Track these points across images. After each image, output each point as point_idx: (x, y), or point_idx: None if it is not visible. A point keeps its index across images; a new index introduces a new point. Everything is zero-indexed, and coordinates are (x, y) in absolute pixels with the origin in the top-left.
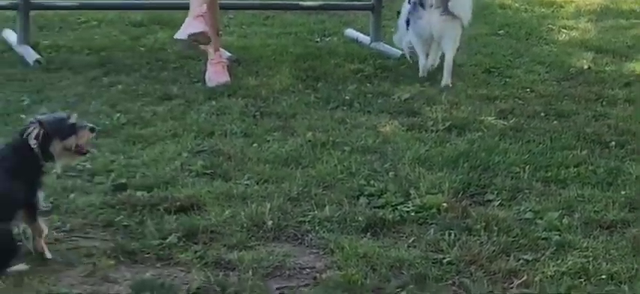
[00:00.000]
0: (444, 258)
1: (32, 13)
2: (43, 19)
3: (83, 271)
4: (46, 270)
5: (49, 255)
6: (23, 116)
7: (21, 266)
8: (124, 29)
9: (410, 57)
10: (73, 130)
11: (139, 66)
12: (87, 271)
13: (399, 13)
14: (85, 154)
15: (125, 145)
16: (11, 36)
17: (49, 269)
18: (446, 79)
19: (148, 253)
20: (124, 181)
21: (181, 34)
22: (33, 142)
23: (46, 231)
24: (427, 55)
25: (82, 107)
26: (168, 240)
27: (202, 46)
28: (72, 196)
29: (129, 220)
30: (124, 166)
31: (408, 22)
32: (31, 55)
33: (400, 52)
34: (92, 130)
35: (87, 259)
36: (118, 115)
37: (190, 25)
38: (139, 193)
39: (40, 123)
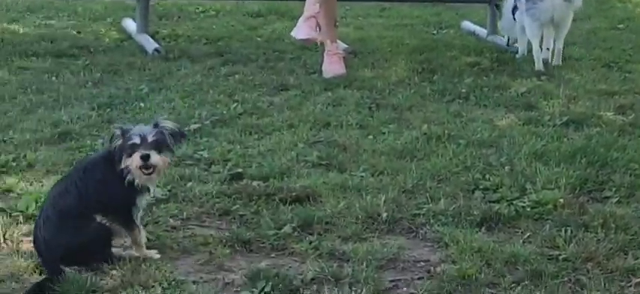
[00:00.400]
0: (559, 254)
1: (152, 2)
2: (161, 9)
3: (199, 259)
4: (162, 257)
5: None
6: (142, 104)
7: (153, 253)
8: (241, 19)
9: (512, 45)
10: (131, 150)
11: (256, 56)
12: (203, 259)
13: (497, 5)
14: (150, 174)
15: (242, 134)
16: (131, 25)
17: (166, 257)
18: (557, 61)
19: (263, 243)
20: (240, 170)
21: (295, 33)
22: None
23: (141, 240)
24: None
25: (199, 96)
26: (283, 230)
27: (319, 38)
28: (189, 184)
29: (245, 210)
30: (241, 155)
31: (514, 11)
32: (150, 44)
33: (518, 46)
34: (143, 158)
35: (203, 248)
36: (235, 104)
37: (301, 29)
38: (255, 183)
39: (122, 133)
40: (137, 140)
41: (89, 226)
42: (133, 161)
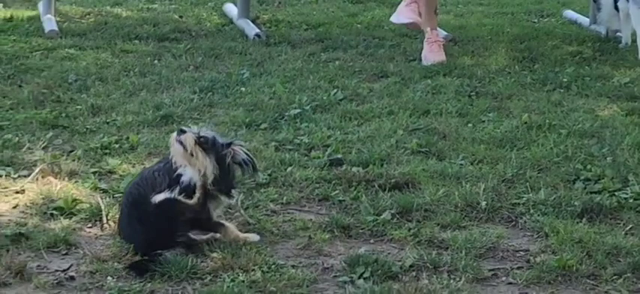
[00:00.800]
0: None
1: None
2: None
3: (299, 244)
4: (262, 241)
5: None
6: (243, 89)
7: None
8: (341, 6)
9: (612, 36)
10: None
11: (356, 43)
12: (302, 243)
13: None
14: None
15: (342, 120)
16: (232, 10)
17: (265, 240)
18: None
19: (362, 229)
20: (340, 156)
21: (394, 18)
22: None
23: (231, 234)
24: None
25: (300, 81)
26: (382, 216)
27: (420, 24)
28: (289, 169)
29: (344, 195)
30: (341, 141)
31: (616, 1)
32: (251, 29)
33: (620, 36)
34: (178, 131)
35: (303, 232)
36: (335, 90)
37: (402, 13)
38: (354, 169)
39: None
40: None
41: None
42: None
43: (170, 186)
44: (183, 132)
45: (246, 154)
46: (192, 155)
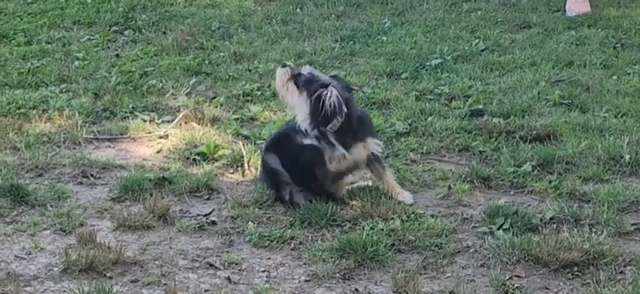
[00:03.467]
0: None
1: None
2: None
3: (438, 194)
4: (402, 190)
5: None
6: (384, 38)
7: (407, 197)
8: None
9: None
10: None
11: None
12: (442, 193)
13: None
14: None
15: (483, 71)
16: None
17: (405, 189)
18: None
19: (502, 180)
20: (480, 106)
21: None
22: None
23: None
24: None
25: (441, 32)
26: (522, 168)
27: None
28: (429, 119)
29: (484, 146)
30: (481, 92)
31: None
32: None
33: None
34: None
35: (442, 182)
36: (477, 41)
37: None
38: (495, 120)
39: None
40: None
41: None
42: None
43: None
44: (284, 66)
45: (337, 98)
46: (287, 90)
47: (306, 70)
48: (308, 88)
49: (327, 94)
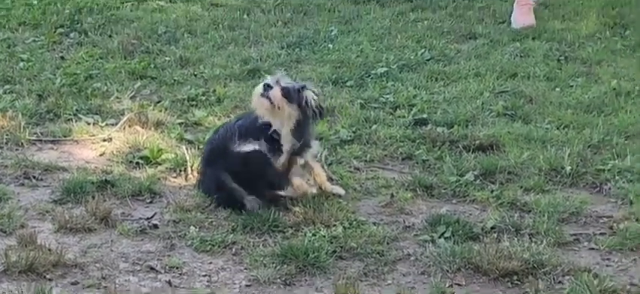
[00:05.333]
0: None
1: None
2: None
3: (381, 202)
4: (345, 197)
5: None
6: (330, 46)
7: (338, 189)
8: None
9: None
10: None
11: (446, 3)
12: (384, 201)
13: None
14: (269, 101)
15: (428, 80)
16: None
17: (348, 197)
18: None
19: (444, 189)
20: (425, 115)
21: None
22: None
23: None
24: None
25: (387, 40)
26: (465, 177)
27: None
28: (374, 127)
29: (428, 155)
30: (426, 101)
31: None
32: None
33: None
34: (264, 86)
35: (385, 190)
36: (423, 50)
37: None
38: (439, 129)
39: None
40: (271, 81)
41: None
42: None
43: (257, 138)
44: (270, 87)
45: (316, 98)
46: (278, 108)
47: (283, 80)
48: (295, 97)
49: (312, 97)
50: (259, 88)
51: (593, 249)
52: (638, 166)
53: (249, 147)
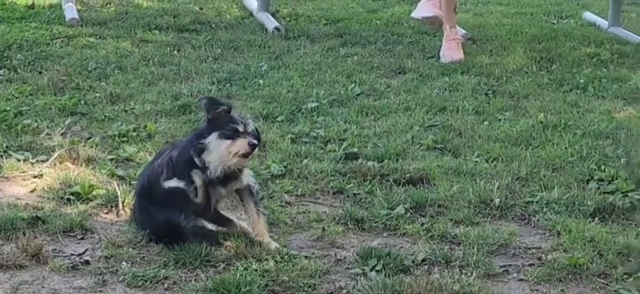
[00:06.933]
0: None
1: None
2: None
3: (312, 235)
4: (277, 231)
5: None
6: (261, 81)
7: (273, 245)
8: (361, 1)
9: None
10: (234, 134)
11: (375, 39)
12: (316, 235)
13: None
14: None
15: (358, 115)
16: (252, 3)
17: (279, 231)
18: None
19: (375, 222)
20: (355, 150)
21: (416, 13)
22: None
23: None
24: None
25: (318, 75)
26: (396, 211)
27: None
28: (305, 161)
29: (359, 189)
30: (357, 135)
31: None
32: (270, 22)
33: (639, 38)
34: (252, 146)
35: (316, 224)
36: (353, 85)
37: (424, 8)
38: (369, 163)
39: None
40: (241, 127)
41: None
42: (238, 145)
43: (183, 173)
44: (257, 145)
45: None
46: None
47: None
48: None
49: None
50: (245, 147)
51: (521, 280)
52: (565, 198)
53: (173, 183)
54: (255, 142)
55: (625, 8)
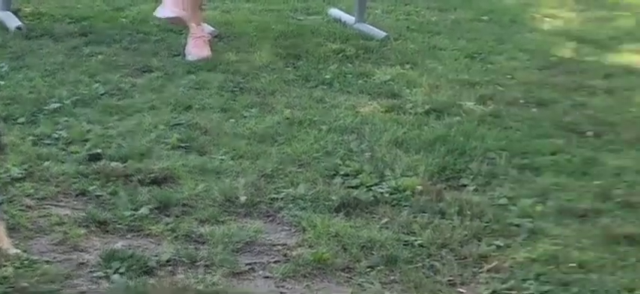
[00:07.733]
0: (415, 240)
1: None
2: None
3: (54, 239)
4: (17, 236)
5: None
6: (1, 82)
7: (15, 252)
8: None
9: None
10: None
11: (120, 37)
12: (58, 239)
13: None
14: None
15: (102, 115)
16: None
17: (20, 236)
18: None
19: (119, 224)
20: (99, 151)
21: (160, 13)
22: None
23: None
24: None
25: (60, 75)
26: (140, 211)
27: (186, 19)
28: (46, 163)
29: (102, 190)
30: (100, 136)
31: None
32: (12, 22)
33: (383, 34)
34: None
35: (58, 227)
36: (97, 85)
37: (167, 8)
38: (113, 164)
39: None
40: None
41: None
42: None
43: None
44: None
45: None
46: None
47: None
48: None
49: None
50: None
51: (267, 277)
52: (310, 194)
53: None
54: None
55: (370, 5)
